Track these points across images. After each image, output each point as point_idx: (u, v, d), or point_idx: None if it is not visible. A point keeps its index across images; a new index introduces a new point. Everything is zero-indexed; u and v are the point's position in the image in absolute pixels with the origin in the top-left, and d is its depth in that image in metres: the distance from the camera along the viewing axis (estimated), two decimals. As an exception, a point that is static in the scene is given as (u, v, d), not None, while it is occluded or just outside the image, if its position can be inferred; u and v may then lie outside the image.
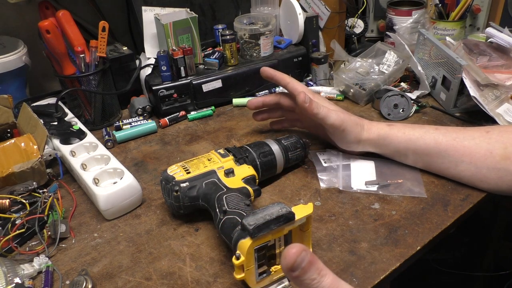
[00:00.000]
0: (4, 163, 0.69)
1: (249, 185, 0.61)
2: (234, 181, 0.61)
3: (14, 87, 0.90)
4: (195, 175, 0.61)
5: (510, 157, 0.60)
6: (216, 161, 0.64)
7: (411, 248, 0.57)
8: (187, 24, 0.91)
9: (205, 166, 0.63)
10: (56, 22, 0.79)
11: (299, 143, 0.72)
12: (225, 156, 0.65)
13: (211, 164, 0.63)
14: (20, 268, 0.55)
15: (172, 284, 0.54)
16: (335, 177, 0.70)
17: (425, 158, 0.67)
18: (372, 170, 0.71)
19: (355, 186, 0.68)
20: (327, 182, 0.69)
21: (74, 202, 0.69)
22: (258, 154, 0.68)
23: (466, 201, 0.64)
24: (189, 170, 0.62)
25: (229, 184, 0.60)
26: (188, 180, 0.60)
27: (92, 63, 0.85)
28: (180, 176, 0.61)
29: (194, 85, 0.92)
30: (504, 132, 0.63)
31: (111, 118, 0.92)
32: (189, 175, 0.61)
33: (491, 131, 0.63)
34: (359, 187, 0.67)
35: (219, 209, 0.55)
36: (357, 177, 0.69)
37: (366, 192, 0.67)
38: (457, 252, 1.31)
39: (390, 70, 0.94)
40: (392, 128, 0.68)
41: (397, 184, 0.67)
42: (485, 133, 0.63)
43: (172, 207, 0.62)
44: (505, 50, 0.87)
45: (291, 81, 0.74)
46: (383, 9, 1.13)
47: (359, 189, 0.67)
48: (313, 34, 1.02)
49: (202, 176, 0.61)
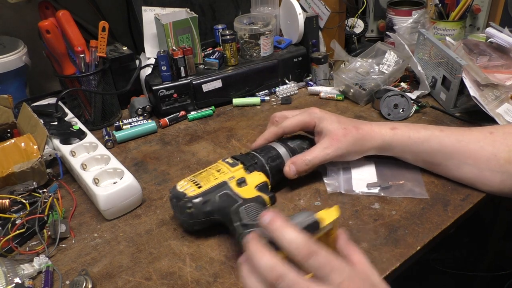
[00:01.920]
0: (4, 163, 0.69)
1: (263, 193, 0.59)
2: (247, 191, 0.59)
3: (14, 87, 0.90)
4: (207, 188, 0.59)
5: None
6: (226, 171, 0.62)
7: (411, 248, 0.57)
8: (187, 24, 0.91)
9: (215, 178, 0.60)
10: (56, 22, 0.79)
11: (305, 144, 0.70)
12: (234, 165, 0.63)
13: (222, 175, 0.61)
14: (20, 268, 0.55)
15: (172, 284, 0.54)
16: (337, 181, 0.69)
17: (429, 160, 0.66)
18: (373, 171, 0.70)
19: (357, 189, 0.67)
20: (332, 186, 0.68)
21: (74, 202, 0.69)
22: (266, 159, 0.65)
23: (466, 201, 0.64)
24: (200, 184, 0.59)
25: (243, 194, 0.58)
26: (201, 195, 0.58)
27: (92, 63, 0.85)
28: (192, 192, 0.58)
29: (194, 85, 0.92)
30: (508, 134, 0.62)
31: (111, 118, 0.92)
32: (201, 190, 0.58)
33: (495, 133, 0.63)
34: (361, 189, 0.67)
35: (239, 222, 0.53)
36: (358, 180, 0.69)
37: (368, 194, 0.66)
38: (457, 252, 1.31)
39: (390, 70, 0.94)
40: (396, 133, 0.66)
41: (398, 185, 0.67)
42: (489, 134, 0.63)
43: (186, 225, 0.60)
44: (505, 50, 0.87)
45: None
46: (383, 9, 1.13)
47: (361, 192, 0.67)
48: (313, 34, 1.02)
49: (215, 189, 0.59)
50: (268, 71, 0.98)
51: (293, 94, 1.00)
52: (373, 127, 0.67)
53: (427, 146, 0.65)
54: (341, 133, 0.65)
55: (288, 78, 1.02)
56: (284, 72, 1.01)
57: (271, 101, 0.98)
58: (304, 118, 0.68)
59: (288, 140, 0.70)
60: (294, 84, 1.01)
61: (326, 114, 0.68)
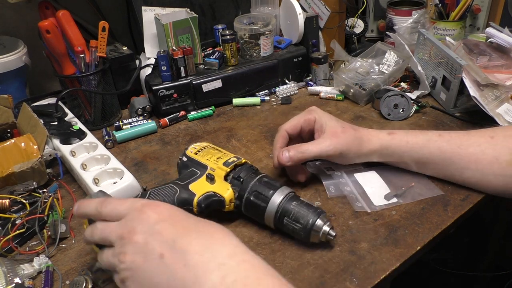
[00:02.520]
0: (4, 163, 0.69)
1: (205, 198, 0.59)
2: (200, 187, 0.60)
3: (14, 87, 0.90)
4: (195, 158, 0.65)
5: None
6: (217, 163, 0.62)
7: (411, 248, 0.57)
8: (187, 24, 0.91)
9: (207, 158, 0.63)
10: (56, 22, 0.79)
11: (305, 220, 0.55)
12: (226, 165, 0.61)
13: (212, 161, 0.62)
14: (20, 268, 0.55)
15: (172, 284, 0.54)
16: (343, 186, 0.67)
17: (429, 166, 0.66)
18: (380, 181, 0.68)
19: (377, 204, 0.64)
20: (336, 190, 0.67)
21: (74, 202, 0.69)
22: (252, 189, 0.58)
23: (466, 201, 0.64)
24: (200, 153, 0.65)
25: (194, 187, 0.60)
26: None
27: (92, 63, 0.85)
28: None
29: (194, 85, 0.92)
30: (509, 137, 0.62)
31: (111, 118, 0.92)
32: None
33: (495, 136, 0.62)
34: (381, 203, 0.64)
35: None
36: (374, 194, 0.66)
37: (388, 206, 0.64)
38: (457, 252, 1.31)
39: (390, 70, 0.94)
40: (394, 137, 0.65)
41: (411, 188, 0.66)
42: (490, 138, 0.62)
43: None
44: (505, 50, 0.87)
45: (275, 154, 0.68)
46: (383, 9, 1.13)
47: (384, 205, 0.64)
48: (313, 34, 1.02)
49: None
50: (268, 71, 0.98)
51: (293, 94, 1.00)
52: (370, 131, 0.67)
53: (426, 151, 0.64)
54: (340, 130, 0.65)
55: (288, 78, 1.02)
56: (284, 72, 1.01)
57: (271, 101, 0.98)
58: (304, 115, 0.68)
59: (297, 199, 0.58)
60: (294, 84, 1.01)
61: (325, 112, 0.68)
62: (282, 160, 0.64)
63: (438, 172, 0.66)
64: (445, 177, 0.66)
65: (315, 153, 0.64)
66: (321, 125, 0.66)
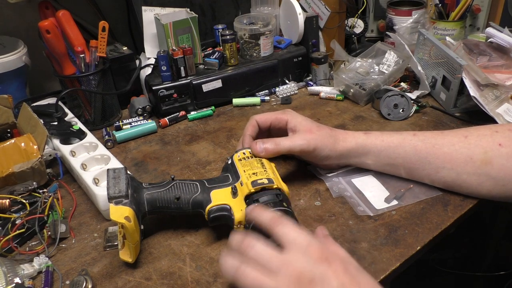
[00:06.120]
0: (4, 163, 0.69)
1: (218, 213, 0.57)
2: (219, 198, 0.58)
3: (14, 87, 0.90)
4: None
5: (490, 162, 0.60)
6: (249, 176, 0.58)
7: (411, 248, 0.57)
8: (187, 24, 0.91)
9: (246, 169, 0.60)
10: (56, 22, 0.79)
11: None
12: (254, 186, 0.57)
13: (247, 174, 0.59)
14: (20, 268, 0.55)
15: (172, 284, 0.54)
16: (343, 191, 0.67)
17: (406, 165, 0.65)
18: (378, 184, 0.68)
19: (379, 207, 0.64)
20: (338, 190, 0.68)
21: (74, 202, 0.69)
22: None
23: (466, 201, 0.64)
24: (247, 167, 0.62)
25: (215, 196, 0.58)
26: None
27: (92, 63, 0.85)
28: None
29: (194, 85, 0.92)
30: (482, 136, 0.62)
31: (111, 118, 0.92)
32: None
33: (469, 136, 0.63)
34: (382, 206, 0.64)
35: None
36: (374, 197, 0.66)
37: (389, 209, 0.64)
38: (457, 252, 1.31)
39: (390, 70, 0.94)
40: (370, 136, 0.66)
41: (409, 189, 0.66)
42: (464, 138, 0.63)
43: None
44: (505, 50, 0.87)
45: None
46: (383, 9, 1.13)
47: (386, 208, 0.64)
48: (313, 34, 1.02)
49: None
50: (268, 71, 0.98)
51: (293, 94, 1.00)
52: (347, 131, 0.68)
53: (401, 150, 0.64)
54: (316, 128, 0.66)
55: (288, 78, 1.02)
56: (284, 72, 1.01)
57: (271, 101, 0.98)
58: (277, 113, 0.68)
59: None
60: (294, 84, 1.01)
61: (300, 115, 0.68)
62: (256, 150, 0.64)
63: (415, 172, 0.66)
64: (421, 177, 0.66)
65: (288, 146, 0.64)
66: (294, 125, 0.66)
